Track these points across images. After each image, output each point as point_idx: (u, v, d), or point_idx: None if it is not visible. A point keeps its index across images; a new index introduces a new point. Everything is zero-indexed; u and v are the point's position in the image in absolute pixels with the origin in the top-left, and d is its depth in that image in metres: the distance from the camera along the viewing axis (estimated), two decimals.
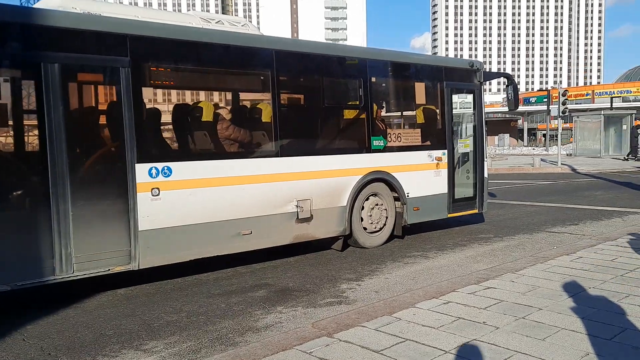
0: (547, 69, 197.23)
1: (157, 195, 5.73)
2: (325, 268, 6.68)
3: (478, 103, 9.17)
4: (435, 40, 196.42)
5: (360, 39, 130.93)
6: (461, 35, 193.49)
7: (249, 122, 7.00)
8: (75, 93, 5.41)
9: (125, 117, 5.49)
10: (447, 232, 9.00)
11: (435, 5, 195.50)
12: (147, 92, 5.83)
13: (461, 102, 9.12)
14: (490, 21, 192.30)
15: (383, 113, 8.18)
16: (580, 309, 4.34)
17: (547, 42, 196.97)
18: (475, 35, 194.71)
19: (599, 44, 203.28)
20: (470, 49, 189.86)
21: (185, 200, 5.94)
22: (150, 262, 5.75)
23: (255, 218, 6.52)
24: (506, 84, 9.36)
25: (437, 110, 8.66)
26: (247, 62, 6.62)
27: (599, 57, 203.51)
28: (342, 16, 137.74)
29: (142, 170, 5.61)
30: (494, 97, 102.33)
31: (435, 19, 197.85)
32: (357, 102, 7.68)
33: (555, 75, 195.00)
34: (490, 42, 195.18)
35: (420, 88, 8.53)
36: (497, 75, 10.07)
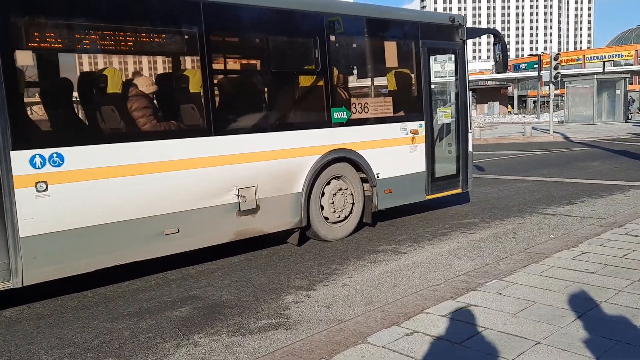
0: (537, 35, 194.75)
1: (44, 190, 4.43)
2: (274, 270, 5.45)
3: (461, 65, 7.85)
4: (424, 7, 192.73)
5: None
6: (450, 1, 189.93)
7: (173, 93, 5.67)
8: None
9: None
10: (426, 216, 7.77)
11: None
12: (24, 57, 4.46)
13: (441, 65, 7.79)
14: None
15: (346, 79, 6.84)
16: (592, 343, 3.13)
17: (537, 7, 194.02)
18: (465, 2, 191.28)
19: (589, 8, 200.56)
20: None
21: (85, 195, 4.64)
22: (38, 277, 4.48)
23: (184, 213, 5.24)
24: (493, 42, 8.02)
25: (412, 75, 7.34)
26: (168, 18, 5.23)
27: (589, 22, 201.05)
28: None
29: (20, 159, 4.29)
30: (484, 65, 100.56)
31: None
32: (313, 67, 6.33)
33: (545, 41, 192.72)
34: (479, 8, 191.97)
35: (390, 48, 7.18)
36: (483, 31, 8.73)
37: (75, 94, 4.85)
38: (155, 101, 5.37)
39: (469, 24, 9.35)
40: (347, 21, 6.62)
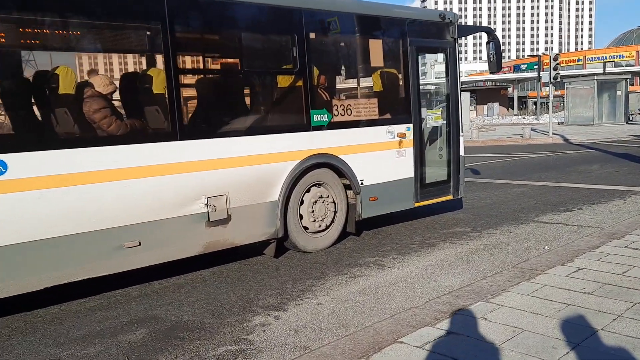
0: (537, 35, 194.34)
1: None
2: (244, 286, 5.02)
3: (452, 65, 7.43)
4: (424, 8, 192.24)
5: None
6: (450, 2, 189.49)
7: (134, 94, 5.23)
8: None
9: None
10: (415, 224, 7.35)
11: None
12: None
13: (430, 64, 7.38)
14: None
15: (327, 80, 6.41)
16: None
17: (537, 7, 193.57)
18: (465, 2, 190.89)
19: (590, 9, 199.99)
20: (460, 17, 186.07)
21: (32, 206, 4.22)
22: None
23: (146, 224, 4.81)
24: (487, 40, 7.60)
25: (399, 75, 6.90)
26: (126, 11, 4.80)
27: (590, 23, 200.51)
28: None
29: None
30: (485, 66, 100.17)
31: None
32: (291, 66, 5.90)
33: (546, 42, 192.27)
34: (480, 8, 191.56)
35: (376, 47, 6.74)
36: (475, 29, 8.29)
37: (20, 95, 4.41)
38: (113, 103, 4.94)
39: (470, 24, 8.90)
40: (328, 17, 6.19)
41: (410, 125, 6.86)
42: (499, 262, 5.35)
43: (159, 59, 5.07)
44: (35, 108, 4.54)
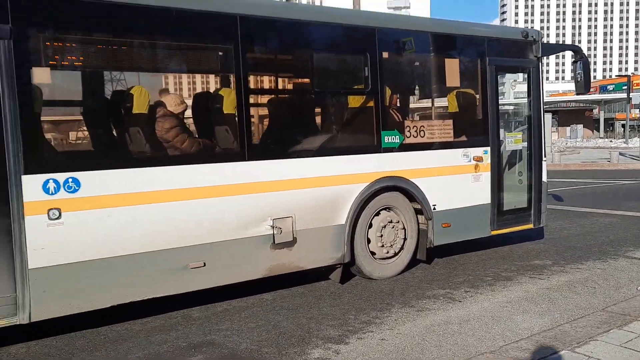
0: (626, 55, 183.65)
1: (58, 218, 4.09)
2: (306, 314, 4.83)
3: (535, 85, 6.99)
4: (504, 25, 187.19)
5: (424, 9, 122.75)
6: (532, 21, 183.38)
7: (204, 113, 5.24)
8: None
9: (5, 109, 3.87)
10: (489, 254, 6.89)
11: None
12: (41, 75, 4.17)
13: (511, 84, 6.98)
14: (564, 5, 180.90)
15: (399, 100, 6.19)
16: None
17: (626, 25, 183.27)
18: (548, 21, 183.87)
19: None
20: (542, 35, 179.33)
21: (102, 224, 4.27)
22: (47, 313, 4.13)
23: (211, 245, 4.77)
24: (573, 59, 7.09)
25: (477, 95, 6.58)
26: (200, 32, 4.83)
27: None
28: None
29: (32, 184, 3.98)
30: (568, 86, 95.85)
31: (504, 5, 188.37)
32: (362, 86, 5.74)
33: (636, 62, 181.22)
34: (563, 27, 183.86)
35: (452, 66, 6.43)
36: (562, 48, 7.76)
37: (96, 114, 4.53)
38: (184, 122, 4.97)
39: (552, 42, 8.39)
40: (402, 36, 5.99)
41: (488, 149, 6.50)
42: (585, 303, 4.85)
43: (231, 79, 5.07)
44: (109, 127, 4.64)
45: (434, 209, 6.07)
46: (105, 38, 4.47)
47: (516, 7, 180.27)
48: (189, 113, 5.18)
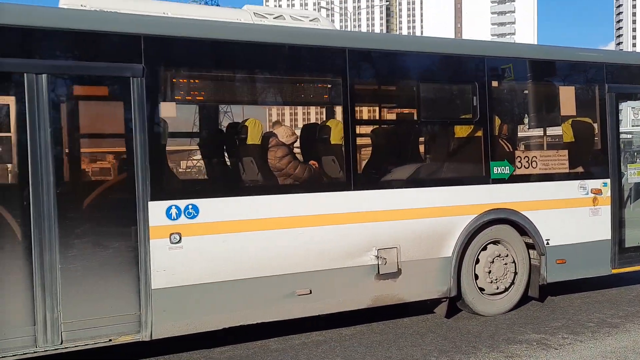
0: None
1: (178, 242, 4.38)
2: (385, 352, 4.61)
3: None
4: (619, 46, 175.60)
5: (530, 35, 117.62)
6: None
7: (312, 144, 5.40)
8: (68, 111, 4.27)
9: (136, 141, 4.25)
10: (594, 297, 6.26)
11: (620, 14, 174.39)
12: (167, 109, 4.55)
13: (634, 113, 6.52)
14: None
15: (509, 130, 5.99)
16: None
17: None
18: None
19: None
20: None
21: (217, 249, 4.51)
22: (166, 331, 4.40)
23: (317, 273, 4.86)
24: None
25: (595, 125, 6.21)
26: (310, 66, 5.04)
27: None
28: (510, 9, 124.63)
29: (157, 210, 4.31)
30: None
31: (619, 28, 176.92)
32: (470, 115, 5.63)
33: None
34: None
35: (567, 94, 6.14)
36: None
37: (214, 145, 4.83)
38: (294, 153, 5.16)
39: None
40: (512, 64, 5.82)
41: (608, 181, 6.09)
42: None
43: (338, 110, 5.20)
44: (224, 157, 4.92)
45: (547, 243, 5.76)
46: (224, 74, 4.79)
47: (633, 29, 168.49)
48: (298, 144, 5.36)
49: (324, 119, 5.81)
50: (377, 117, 6.23)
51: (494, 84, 5.73)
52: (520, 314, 5.70)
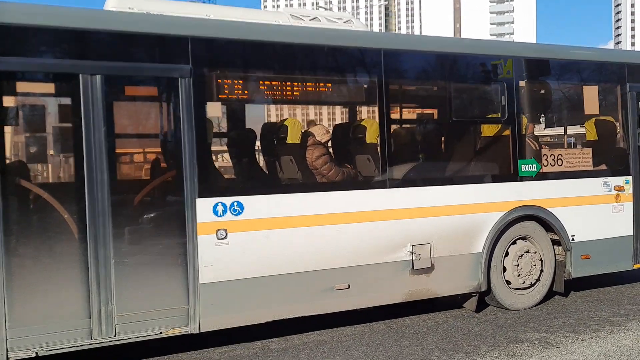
0: None
1: (224, 238, 4.52)
2: (385, 352, 4.61)
3: None
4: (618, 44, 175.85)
5: (529, 34, 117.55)
6: None
7: (349, 143, 5.54)
8: (121, 111, 4.41)
9: (184, 139, 4.37)
10: (595, 295, 6.31)
11: (618, 13, 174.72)
12: (213, 109, 4.70)
13: None
14: None
15: (536, 128, 6.15)
16: None
17: None
18: None
19: None
20: None
21: (261, 244, 4.65)
22: (213, 324, 4.53)
23: (355, 268, 4.99)
24: None
25: (617, 123, 6.38)
26: (347, 67, 5.19)
27: None
28: (509, 9, 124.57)
29: (205, 207, 4.44)
30: None
31: (618, 27, 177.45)
32: (499, 115, 5.79)
33: None
34: None
35: (590, 93, 6.30)
36: None
37: (257, 144, 4.98)
38: (331, 152, 5.30)
39: None
40: (538, 65, 5.99)
41: (630, 178, 6.25)
42: None
43: (374, 110, 5.33)
44: (266, 156, 5.06)
45: (573, 239, 5.91)
46: (266, 74, 4.93)
47: (632, 29, 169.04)
48: (335, 142, 5.50)
49: (360, 118, 5.94)
50: (411, 117, 6.37)
51: (522, 83, 5.88)
52: (522, 312, 5.72)
